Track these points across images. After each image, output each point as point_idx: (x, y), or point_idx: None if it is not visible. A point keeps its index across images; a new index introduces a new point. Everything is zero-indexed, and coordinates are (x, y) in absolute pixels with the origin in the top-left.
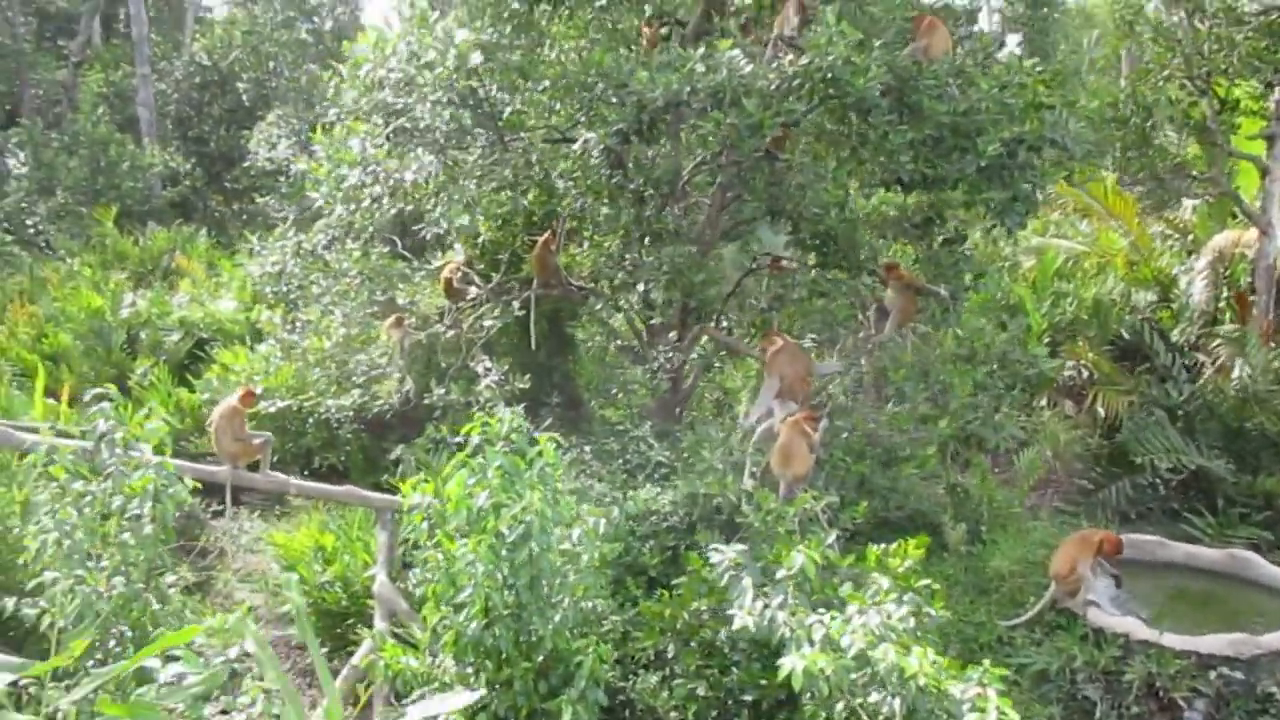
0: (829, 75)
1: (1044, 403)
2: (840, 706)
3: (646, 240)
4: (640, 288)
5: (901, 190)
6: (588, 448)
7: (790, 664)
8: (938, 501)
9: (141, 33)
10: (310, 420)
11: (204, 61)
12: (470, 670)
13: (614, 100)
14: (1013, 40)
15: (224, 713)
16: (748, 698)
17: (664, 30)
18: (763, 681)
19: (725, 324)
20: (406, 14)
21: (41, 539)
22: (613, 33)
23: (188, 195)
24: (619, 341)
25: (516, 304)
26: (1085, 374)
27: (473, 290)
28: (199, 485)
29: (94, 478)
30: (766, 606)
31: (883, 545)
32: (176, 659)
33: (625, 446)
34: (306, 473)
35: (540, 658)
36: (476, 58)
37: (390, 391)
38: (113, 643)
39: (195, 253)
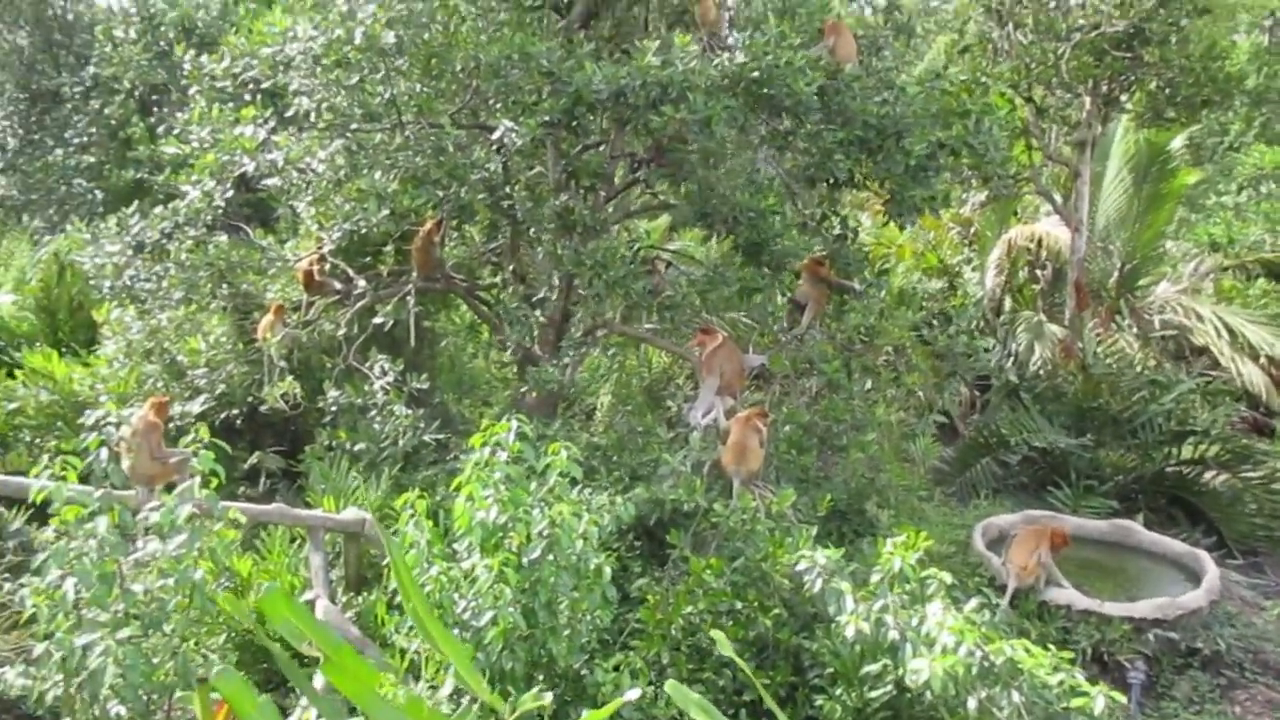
0: (766, 75)
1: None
2: (973, 705)
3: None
4: (557, 283)
5: (829, 189)
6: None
7: (922, 667)
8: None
9: None
10: None
11: None
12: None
13: (529, 88)
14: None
15: None
16: (746, 698)
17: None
18: (764, 681)
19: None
20: None
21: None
22: (519, 17)
23: None
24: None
25: (411, 300)
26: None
27: (337, 284)
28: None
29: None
30: (870, 610)
31: (891, 539)
32: None
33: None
34: None
35: (542, 678)
36: (389, 37)
37: (276, 395)
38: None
39: None
